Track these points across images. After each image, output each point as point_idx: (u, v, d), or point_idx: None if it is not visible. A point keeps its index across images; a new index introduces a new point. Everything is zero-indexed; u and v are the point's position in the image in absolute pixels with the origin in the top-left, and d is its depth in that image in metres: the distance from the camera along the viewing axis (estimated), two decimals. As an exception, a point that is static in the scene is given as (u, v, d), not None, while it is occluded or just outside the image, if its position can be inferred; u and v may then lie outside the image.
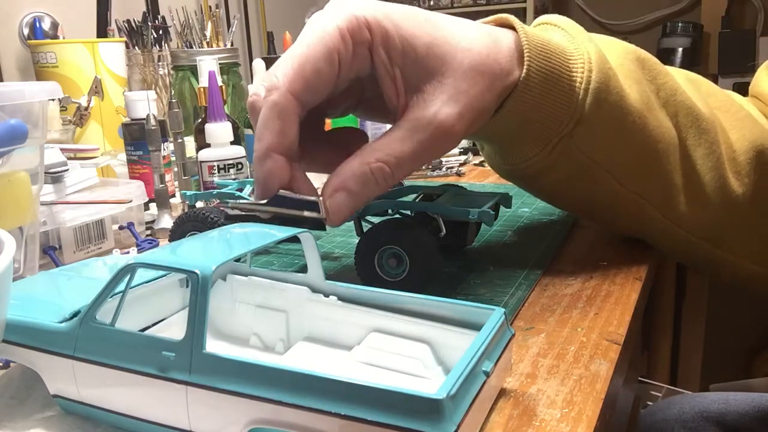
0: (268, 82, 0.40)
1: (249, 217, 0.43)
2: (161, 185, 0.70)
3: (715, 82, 2.25)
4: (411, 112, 0.42)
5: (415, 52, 0.41)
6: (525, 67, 0.44)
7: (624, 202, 0.52)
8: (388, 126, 0.43)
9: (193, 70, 1.05)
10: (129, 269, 0.32)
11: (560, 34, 0.50)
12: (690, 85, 0.56)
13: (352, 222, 0.53)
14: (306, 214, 0.41)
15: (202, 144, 0.77)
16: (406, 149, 0.41)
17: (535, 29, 0.49)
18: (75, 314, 0.33)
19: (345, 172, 0.41)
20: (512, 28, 0.47)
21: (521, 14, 2.64)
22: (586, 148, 0.48)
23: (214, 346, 0.39)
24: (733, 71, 2.36)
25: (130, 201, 0.65)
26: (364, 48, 0.41)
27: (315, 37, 0.40)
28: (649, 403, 0.91)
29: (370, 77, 0.43)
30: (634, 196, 0.51)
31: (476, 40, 0.43)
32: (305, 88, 0.40)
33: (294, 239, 0.38)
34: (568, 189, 0.53)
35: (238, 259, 0.37)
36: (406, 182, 0.68)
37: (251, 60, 1.86)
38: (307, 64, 0.39)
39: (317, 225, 0.42)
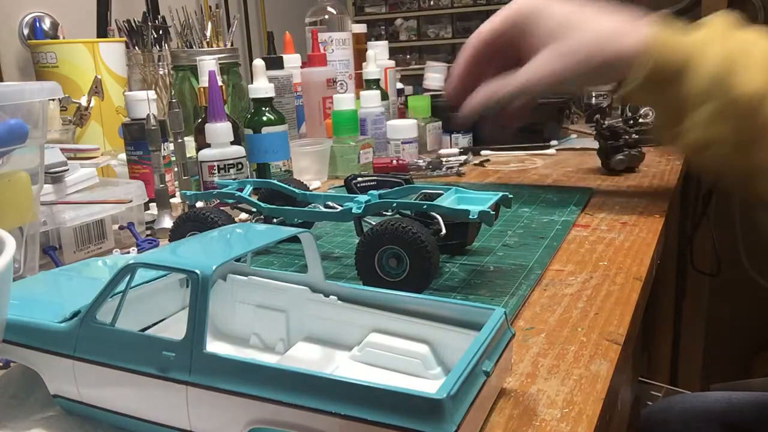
0: None
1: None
2: (161, 185, 0.70)
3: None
4: None
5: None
6: (636, 74, 0.58)
7: None
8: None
9: (193, 70, 1.05)
10: (129, 269, 0.32)
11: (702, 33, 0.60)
12: None
13: (352, 222, 0.53)
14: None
15: (202, 144, 0.77)
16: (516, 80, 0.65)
17: (672, 32, 0.60)
18: (75, 314, 0.33)
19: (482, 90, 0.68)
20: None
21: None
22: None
23: (214, 346, 0.39)
24: (733, 71, 2.35)
25: (130, 201, 0.65)
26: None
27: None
28: (649, 403, 0.91)
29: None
30: None
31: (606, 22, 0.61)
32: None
33: (294, 239, 0.38)
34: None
35: (238, 259, 0.37)
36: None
37: (251, 60, 1.85)
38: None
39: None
